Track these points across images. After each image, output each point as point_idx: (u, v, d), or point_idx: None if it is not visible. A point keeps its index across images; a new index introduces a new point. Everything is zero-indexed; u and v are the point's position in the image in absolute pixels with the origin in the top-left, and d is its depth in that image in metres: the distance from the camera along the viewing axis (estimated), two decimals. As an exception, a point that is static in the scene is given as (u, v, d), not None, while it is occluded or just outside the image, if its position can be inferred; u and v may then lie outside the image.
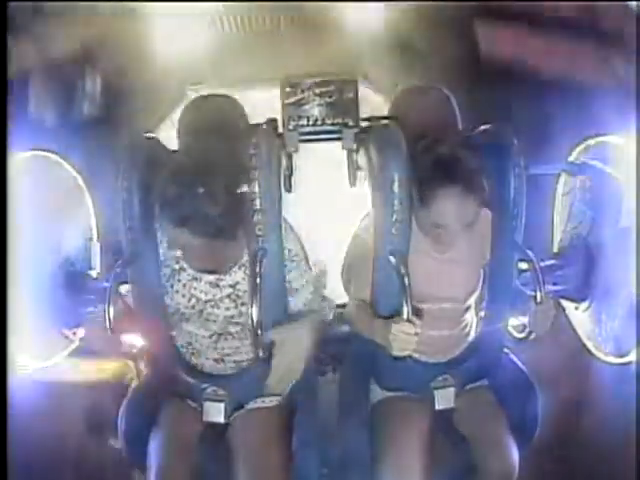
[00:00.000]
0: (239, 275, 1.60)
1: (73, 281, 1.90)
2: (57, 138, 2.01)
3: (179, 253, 1.58)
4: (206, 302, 1.61)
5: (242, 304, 1.61)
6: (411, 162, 1.59)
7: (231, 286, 1.60)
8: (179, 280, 1.61)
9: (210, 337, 1.64)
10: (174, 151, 1.71)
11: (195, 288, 1.60)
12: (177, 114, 1.91)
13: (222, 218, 1.42)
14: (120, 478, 2.09)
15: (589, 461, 2.09)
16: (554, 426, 1.88)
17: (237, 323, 1.62)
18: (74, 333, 2.01)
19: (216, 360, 1.66)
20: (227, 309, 1.61)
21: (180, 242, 1.46)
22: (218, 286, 1.60)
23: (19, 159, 1.84)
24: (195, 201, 1.38)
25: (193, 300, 1.61)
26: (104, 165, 1.84)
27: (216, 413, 1.66)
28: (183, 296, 1.61)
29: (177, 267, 1.61)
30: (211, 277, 1.60)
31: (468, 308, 1.75)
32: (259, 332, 1.53)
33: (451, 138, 1.63)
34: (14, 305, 1.72)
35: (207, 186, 1.39)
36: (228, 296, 1.61)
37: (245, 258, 1.59)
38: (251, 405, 1.69)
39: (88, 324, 1.77)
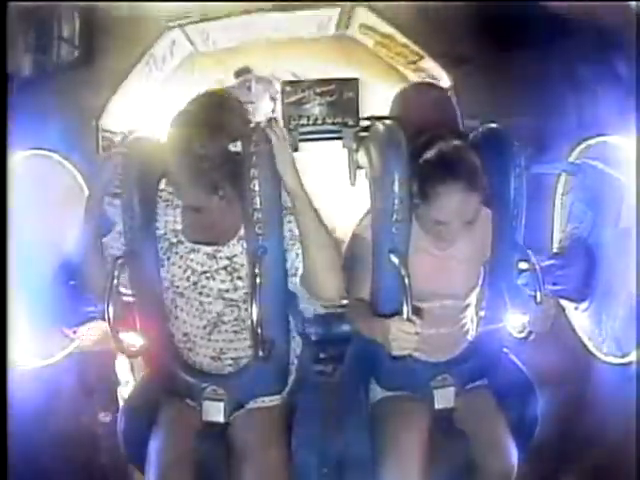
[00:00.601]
0: (237, 248, 1.61)
1: (73, 280, 1.90)
2: (57, 137, 2.00)
3: (179, 227, 1.61)
4: (201, 274, 1.61)
5: (238, 278, 1.61)
6: (412, 159, 1.59)
7: (228, 258, 1.61)
8: (176, 252, 1.62)
9: (204, 328, 1.63)
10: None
11: (192, 260, 1.61)
12: (156, 49, 1.84)
13: (211, 168, 1.48)
14: (120, 478, 2.09)
15: (589, 461, 2.09)
16: (554, 426, 1.88)
17: (231, 300, 1.62)
18: (74, 332, 2.01)
19: (213, 358, 1.66)
20: (222, 281, 1.61)
21: (180, 202, 1.57)
22: (215, 257, 1.61)
23: (19, 159, 1.84)
24: (188, 153, 1.47)
25: (189, 272, 1.61)
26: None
27: (215, 412, 1.65)
28: (179, 267, 1.61)
29: (175, 240, 1.62)
30: (209, 249, 1.61)
31: (468, 306, 1.75)
32: (259, 331, 1.53)
33: (452, 135, 1.63)
34: (14, 304, 1.72)
35: (198, 137, 1.47)
36: (224, 268, 1.61)
37: (242, 231, 1.60)
38: (251, 405, 1.69)
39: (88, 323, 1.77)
